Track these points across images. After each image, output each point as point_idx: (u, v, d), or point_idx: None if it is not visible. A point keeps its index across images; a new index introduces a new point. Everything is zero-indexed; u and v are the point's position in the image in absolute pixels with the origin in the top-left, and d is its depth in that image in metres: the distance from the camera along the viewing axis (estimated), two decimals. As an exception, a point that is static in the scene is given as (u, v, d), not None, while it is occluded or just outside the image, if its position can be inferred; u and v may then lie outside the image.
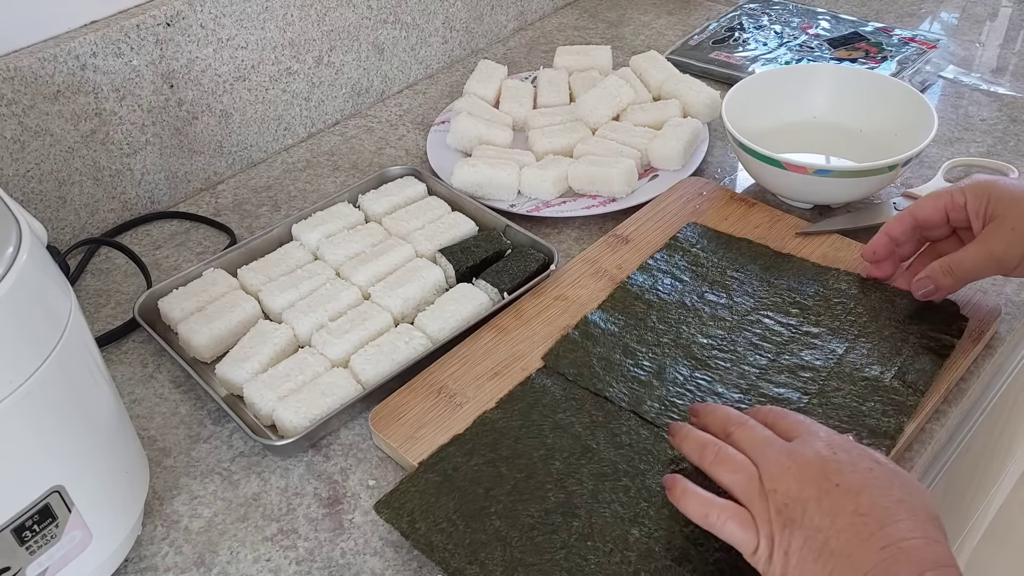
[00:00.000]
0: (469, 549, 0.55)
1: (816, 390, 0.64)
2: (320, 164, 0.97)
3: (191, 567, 0.59)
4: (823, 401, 0.63)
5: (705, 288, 0.73)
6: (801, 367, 0.65)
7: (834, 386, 0.64)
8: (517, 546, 0.55)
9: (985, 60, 1.07)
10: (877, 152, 0.84)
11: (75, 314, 0.50)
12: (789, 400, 0.63)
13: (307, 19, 0.95)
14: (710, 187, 0.85)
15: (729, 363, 0.66)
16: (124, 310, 0.79)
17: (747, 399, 0.63)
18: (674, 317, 0.71)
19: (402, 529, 0.57)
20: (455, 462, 0.60)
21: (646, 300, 0.72)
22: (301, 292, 0.74)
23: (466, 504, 0.57)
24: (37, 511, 0.48)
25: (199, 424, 0.68)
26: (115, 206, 0.88)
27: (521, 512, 0.57)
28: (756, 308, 0.71)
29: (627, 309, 0.72)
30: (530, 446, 0.61)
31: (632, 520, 0.56)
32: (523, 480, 0.58)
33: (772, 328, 0.69)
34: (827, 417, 0.61)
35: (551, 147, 0.90)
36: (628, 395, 0.64)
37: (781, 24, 1.14)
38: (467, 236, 0.80)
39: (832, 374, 0.65)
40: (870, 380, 0.64)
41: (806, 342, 0.67)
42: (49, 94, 0.78)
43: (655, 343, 0.68)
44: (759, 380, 0.65)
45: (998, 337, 0.70)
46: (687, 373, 0.66)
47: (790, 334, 0.68)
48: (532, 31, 1.21)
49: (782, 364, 0.66)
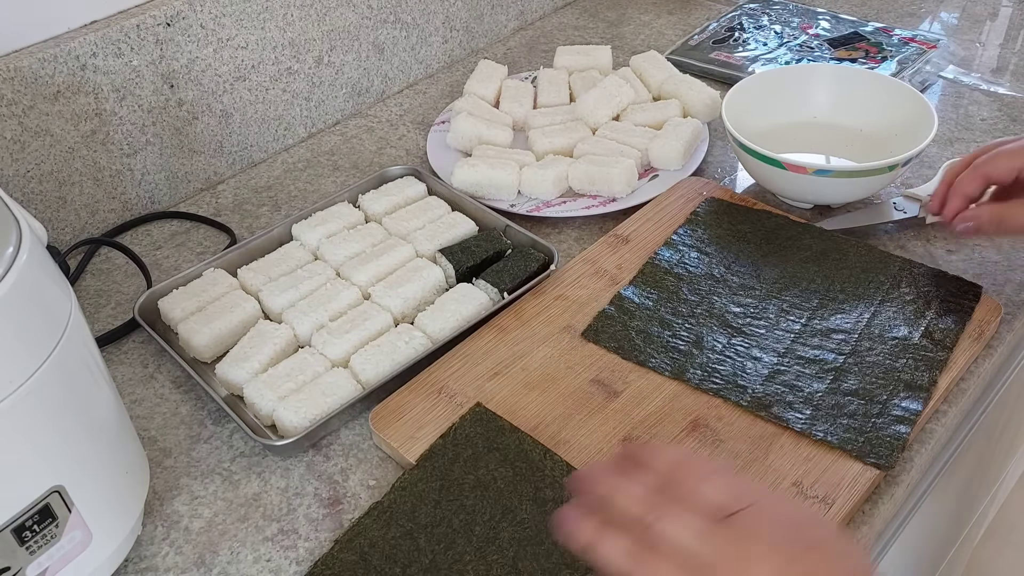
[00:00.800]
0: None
1: (850, 350, 0.67)
2: (320, 164, 0.97)
3: (191, 567, 0.59)
4: (858, 360, 0.66)
5: (732, 259, 0.76)
6: (833, 330, 0.69)
7: (867, 346, 0.67)
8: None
9: (985, 60, 1.07)
10: (877, 152, 0.84)
11: (75, 314, 0.50)
12: (825, 360, 0.66)
13: (307, 19, 0.95)
14: (710, 187, 0.85)
15: (764, 329, 0.70)
16: (124, 310, 0.79)
17: (785, 362, 0.67)
18: (705, 288, 0.73)
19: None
20: (372, 536, 0.57)
21: (675, 274, 0.75)
22: (301, 292, 0.74)
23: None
24: (37, 511, 0.48)
25: (199, 424, 0.68)
26: (115, 206, 0.88)
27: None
28: (782, 276, 0.74)
29: (658, 283, 0.74)
30: (449, 510, 0.58)
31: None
32: (441, 553, 0.56)
33: (801, 295, 0.72)
34: (863, 375, 0.65)
35: (551, 147, 0.90)
36: (671, 364, 0.67)
37: (781, 24, 1.14)
38: (467, 236, 0.80)
39: (863, 335, 0.68)
40: (899, 339, 0.67)
41: (834, 307, 0.71)
42: (49, 94, 0.78)
43: (689, 314, 0.71)
44: (794, 343, 0.68)
45: (998, 337, 0.70)
46: (724, 340, 0.69)
47: (819, 300, 0.71)
48: (532, 31, 1.21)
49: (815, 328, 0.69)
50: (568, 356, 0.69)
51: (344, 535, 0.58)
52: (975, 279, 0.75)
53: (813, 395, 0.64)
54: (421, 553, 0.56)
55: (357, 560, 0.56)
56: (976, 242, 0.79)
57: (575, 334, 0.71)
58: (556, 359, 0.69)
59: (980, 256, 0.78)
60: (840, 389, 0.64)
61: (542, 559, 0.55)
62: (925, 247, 0.79)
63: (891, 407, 0.63)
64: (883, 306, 0.70)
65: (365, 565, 0.56)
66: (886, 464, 0.59)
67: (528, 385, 0.67)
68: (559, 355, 0.69)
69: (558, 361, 0.69)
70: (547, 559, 0.55)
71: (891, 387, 0.64)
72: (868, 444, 0.61)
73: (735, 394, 0.65)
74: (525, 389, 0.67)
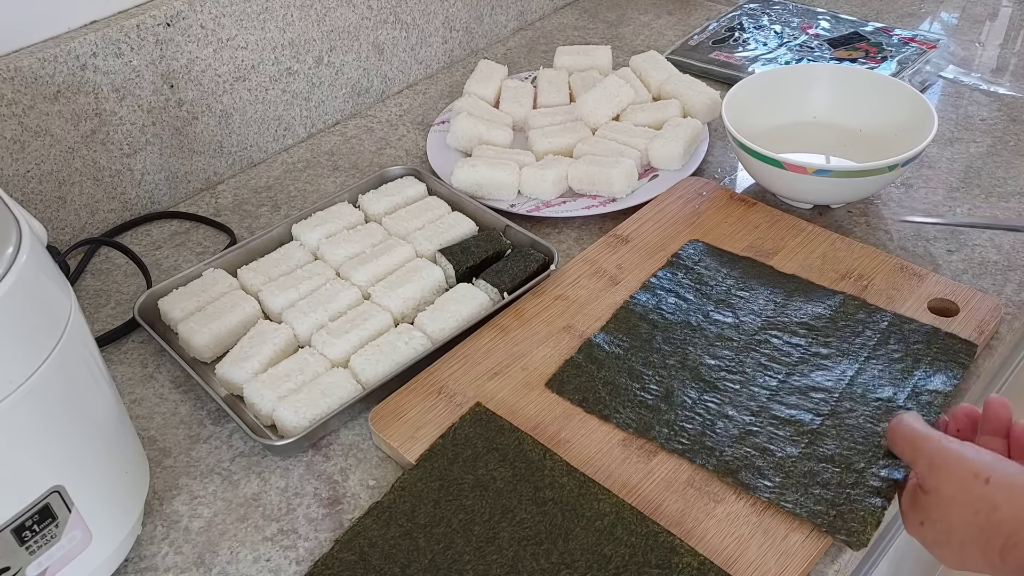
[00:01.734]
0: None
1: (828, 411, 0.62)
2: (320, 164, 0.97)
3: (191, 567, 0.59)
4: (836, 423, 0.62)
5: (711, 307, 0.71)
6: (812, 388, 0.64)
7: (847, 407, 0.63)
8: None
9: (985, 60, 1.07)
10: (877, 152, 0.84)
11: (75, 314, 0.50)
12: (802, 422, 0.62)
13: (307, 19, 0.95)
14: (710, 187, 0.85)
15: (738, 384, 0.65)
16: (124, 310, 0.79)
17: (758, 421, 0.62)
18: (680, 338, 0.69)
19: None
20: (371, 536, 0.57)
21: (650, 320, 0.70)
22: (301, 292, 0.74)
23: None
24: (37, 511, 0.48)
25: (199, 424, 0.68)
26: (115, 206, 0.88)
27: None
28: (764, 328, 0.69)
29: (632, 330, 0.70)
30: (449, 510, 0.58)
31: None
32: (441, 553, 0.56)
33: (780, 349, 0.67)
34: (841, 439, 0.60)
35: (551, 147, 0.90)
36: (635, 421, 0.63)
37: (781, 24, 1.14)
38: (467, 236, 0.80)
39: (844, 395, 0.63)
40: (883, 401, 0.63)
41: (816, 363, 0.66)
42: (49, 94, 0.78)
43: (661, 365, 0.67)
44: (770, 402, 0.64)
45: (998, 337, 0.70)
46: (695, 396, 0.64)
47: (799, 355, 0.67)
48: (532, 31, 1.21)
49: (792, 385, 0.65)
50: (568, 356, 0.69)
51: (344, 535, 0.58)
52: (975, 279, 0.75)
53: (785, 460, 0.59)
54: (420, 553, 0.56)
55: (357, 560, 0.56)
56: (976, 242, 0.79)
57: (575, 334, 0.71)
58: (556, 359, 0.69)
59: (980, 256, 0.78)
60: (815, 454, 0.59)
61: (541, 559, 0.55)
62: (925, 247, 0.79)
63: (868, 476, 0.58)
64: (868, 363, 0.65)
65: (365, 565, 0.56)
66: (857, 542, 0.54)
67: (528, 385, 0.67)
68: (559, 355, 0.69)
69: (558, 361, 0.69)
70: (546, 559, 0.55)
71: (870, 453, 0.59)
72: (840, 519, 0.55)
73: (700, 457, 0.60)
74: (525, 389, 0.67)
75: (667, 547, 0.55)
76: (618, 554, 0.55)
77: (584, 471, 0.60)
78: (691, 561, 0.54)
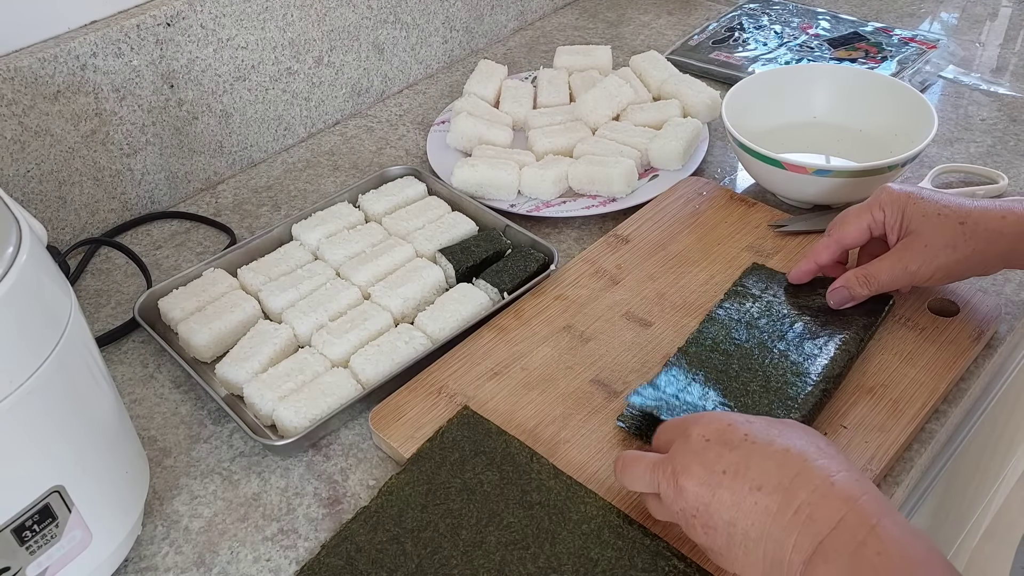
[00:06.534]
0: None
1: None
2: (320, 164, 0.97)
3: (191, 567, 0.59)
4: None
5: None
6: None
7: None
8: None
9: (985, 60, 1.07)
10: (877, 152, 0.84)
11: (75, 314, 0.50)
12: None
13: (307, 19, 0.95)
14: (710, 187, 0.85)
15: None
16: (124, 310, 0.79)
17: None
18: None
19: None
20: (358, 541, 0.57)
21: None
22: (301, 292, 0.74)
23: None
24: (37, 511, 0.48)
25: (199, 424, 0.68)
26: (115, 206, 0.88)
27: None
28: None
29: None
30: (436, 514, 0.58)
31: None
32: (428, 557, 0.56)
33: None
34: None
35: (551, 147, 0.90)
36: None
37: (781, 24, 1.14)
38: (467, 236, 0.80)
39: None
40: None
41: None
42: (49, 94, 0.78)
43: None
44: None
45: (998, 337, 0.70)
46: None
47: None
48: (532, 31, 1.21)
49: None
50: (568, 356, 0.69)
51: (331, 540, 0.58)
52: (975, 279, 0.75)
53: None
54: (407, 558, 0.56)
55: (343, 565, 0.56)
56: (976, 242, 0.79)
57: (575, 334, 0.71)
58: (556, 359, 0.69)
59: (980, 256, 0.78)
60: None
61: (528, 563, 0.55)
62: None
63: None
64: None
65: (351, 570, 0.56)
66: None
67: (528, 385, 0.67)
68: (559, 355, 0.69)
69: (558, 361, 0.69)
70: (533, 563, 0.55)
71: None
72: None
73: None
74: (525, 389, 0.67)
75: (653, 551, 0.55)
76: (604, 558, 0.55)
77: (584, 472, 0.60)
78: (677, 565, 0.54)
